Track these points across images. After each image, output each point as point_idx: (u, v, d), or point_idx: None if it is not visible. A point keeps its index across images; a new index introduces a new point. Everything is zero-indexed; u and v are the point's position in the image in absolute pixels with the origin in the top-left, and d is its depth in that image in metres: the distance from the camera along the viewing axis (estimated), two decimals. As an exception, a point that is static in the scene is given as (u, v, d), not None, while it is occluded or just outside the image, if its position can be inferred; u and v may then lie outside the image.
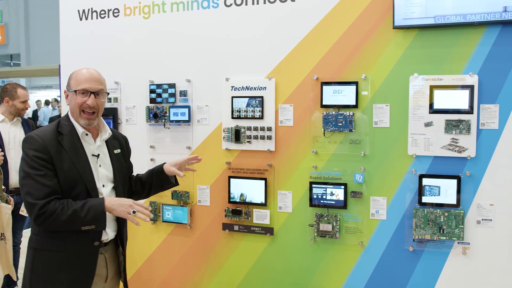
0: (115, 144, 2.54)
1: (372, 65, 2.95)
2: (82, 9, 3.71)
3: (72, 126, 2.34)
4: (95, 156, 2.39)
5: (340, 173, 3.07)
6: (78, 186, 2.26)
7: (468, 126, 2.78)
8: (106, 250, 2.43)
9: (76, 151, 2.29)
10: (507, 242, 2.76)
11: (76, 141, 2.31)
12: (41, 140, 2.21)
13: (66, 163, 2.24)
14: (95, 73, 2.37)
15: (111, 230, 2.43)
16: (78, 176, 2.26)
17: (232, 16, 3.27)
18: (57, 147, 2.24)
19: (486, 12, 2.69)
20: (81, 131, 2.35)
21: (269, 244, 3.27)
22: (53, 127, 2.31)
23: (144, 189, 2.79)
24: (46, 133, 2.26)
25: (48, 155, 2.20)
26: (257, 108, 3.21)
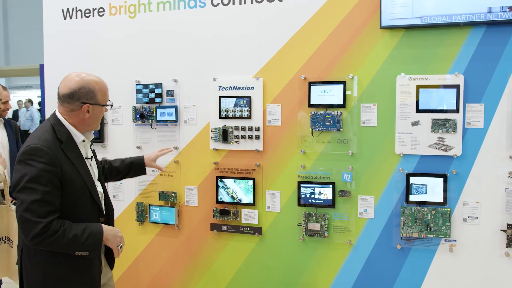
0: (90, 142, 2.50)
1: (360, 65, 2.97)
2: (66, 8, 3.67)
3: (68, 133, 2.24)
4: (89, 159, 2.36)
5: (328, 173, 3.08)
6: (84, 194, 2.24)
7: (454, 125, 2.81)
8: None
9: (78, 159, 2.24)
10: (492, 239, 2.81)
11: (75, 149, 2.25)
12: (51, 153, 2.10)
13: (73, 172, 2.18)
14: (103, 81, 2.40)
15: None
16: (83, 183, 2.23)
17: (219, 15, 3.26)
18: (62, 156, 2.16)
19: (471, 12, 2.73)
20: (81, 139, 2.28)
21: (258, 244, 3.26)
22: (52, 135, 2.19)
23: (118, 176, 2.88)
24: (50, 143, 2.14)
25: (59, 168, 2.11)
26: (245, 108, 3.20)
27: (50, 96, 3.76)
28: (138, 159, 2.90)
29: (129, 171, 2.88)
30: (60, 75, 3.62)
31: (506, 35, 2.73)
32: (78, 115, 2.25)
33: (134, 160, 2.89)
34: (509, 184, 2.77)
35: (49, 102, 3.78)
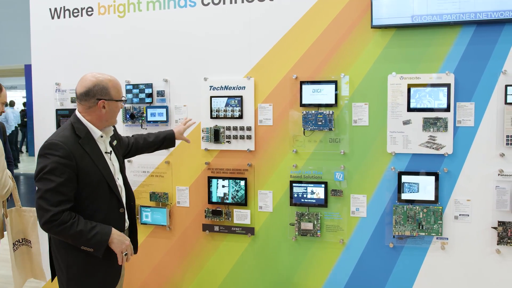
0: (113, 136, 2.61)
1: (351, 64, 2.98)
2: (54, 7, 3.61)
3: (86, 130, 2.37)
4: (108, 153, 2.48)
5: (320, 172, 3.08)
6: (102, 186, 2.35)
7: (445, 124, 2.83)
8: None
9: (96, 153, 2.37)
10: (483, 236, 2.83)
11: (93, 144, 2.38)
12: (67, 147, 2.24)
13: (90, 165, 2.32)
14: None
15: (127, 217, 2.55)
16: (101, 177, 2.35)
17: (209, 15, 3.24)
18: (80, 151, 2.30)
19: (461, 12, 2.74)
20: (99, 134, 2.40)
21: (250, 244, 3.26)
22: (71, 131, 2.33)
23: (150, 149, 3.04)
24: (68, 139, 2.29)
25: (74, 161, 2.24)
26: (236, 107, 3.19)
27: (38, 96, 3.72)
28: (169, 134, 3.04)
29: (161, 145, 3.05)
30: (48, 75, 3.64)
31: (495, 34, 2.76)
32: (95, 112, 2.37)
33: (166, 135, 3.04)
34: (500, 182, 2.79)
35: (37, 102, 3.73)
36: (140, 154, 3.02)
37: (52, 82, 3.65)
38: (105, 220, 2.34)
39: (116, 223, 2.40)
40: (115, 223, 2.39)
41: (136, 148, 2.96)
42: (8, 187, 2.99)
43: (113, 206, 2.42)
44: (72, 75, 3.57)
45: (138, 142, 2.96)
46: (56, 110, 3.65)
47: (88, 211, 2.30)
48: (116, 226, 2.38)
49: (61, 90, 3.64)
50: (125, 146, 2.89)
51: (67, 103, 3.62)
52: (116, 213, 2.43)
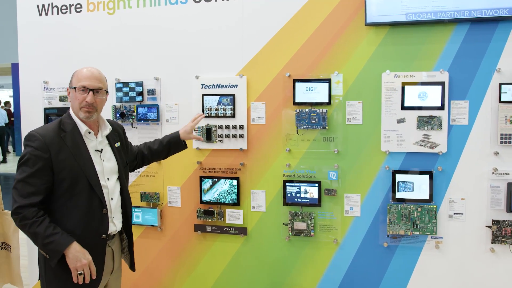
0: (115, 137, 2.58)
1: (345, 62, 2.95)
2: (42, 4, 3.54)
3: (74, 124, 2.35)
4: (98, 151, 2.41)
5: (313, 171, 3.05)
6: (80, 182, 2.29)
7: (440, 122, 2.82)
8: (113, 243, 2.47)
9: (78, 148, 2.32)
10: (477, 235, 2.83)
11: (78, 139, 2.34)
12: (43, 139, 2.24)
13: (69, 160, 2.27)
14: (96, 72, 2.41)
15: (118, 221, 2.47)
16: (80, 172, 2.28)
17: (201, 12, 3.19)
18: (59, 144, 2.27)
19: (456, 10, 2.73)
20: (85, 129, 2.36)
21: (243, 244, 3.21)
22: (56, 125, 2.33)
23: (160, 157, 2.94)
24: (48, 131, 2.29)
25: (48, 153, 2.23)
26: (228, 106, 3.15)
27: (26, 94, 3.64)
28: (174, 137, 2.91)
29: (169, 150, 2.92)
30: (35, 73, 3.56)
31: (489, 32, 2.75)
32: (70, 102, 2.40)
33: (170, 139, 2.90)
34: (494, 180, 2.78)
35: (24, 100, 3.65)
36: (149, 163, 2.95)
37: (40, 80, 3.57)
38: (84, 220, 2.29)
39: (97, 224, 2.34)
40: (97, 224, 2.33)
41: (142, 158, 2.87)
42: None
43: (94, 206, 2.33)
44: (60, 73, 3.50)
45: (142, 152, 2.86)
46: (44, 108, 3.58)
47: (64, 209, 2.27)
48: (98, 227, 2.34)
49: (49, 88, 3.57)
50: (133, 156, 2.80)
51: (56, 101, 3.55)
52: (98, 213, 2.34)
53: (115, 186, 2.47)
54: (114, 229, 2.44)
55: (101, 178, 2.37)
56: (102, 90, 2.42)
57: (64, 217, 2.27)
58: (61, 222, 2.25)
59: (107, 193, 2.40)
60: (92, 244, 2.32)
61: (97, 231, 2.34)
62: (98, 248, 2.35)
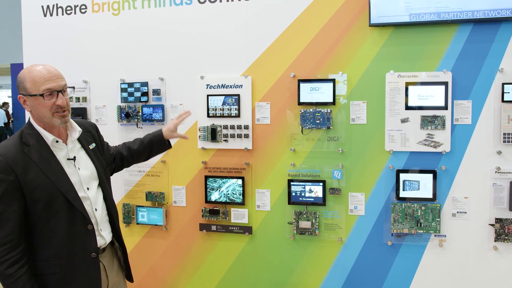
0: (88, 138, 2.31)
1: (349, 63, 2.98)
2: (47, 5, 3.55)
3: (38, 135, 2.08)
4: (71, 160, 2.15)
5: (318, 170, 3.08)
6: (57, 200, 2.04)
7: (443, 122, 2.85)
8: (104, 257, 2.25)
9: (47, 162, 2.05)
10: (481, 233, 2.86)
11: (44, 151, 2.06)
12: (3, 159, 1.96)
13: (38, 177, 2.01)
14: (52, 69, 2.09)
15: (107, 232, 2.27)
16: (54, 188, 2.03)
17: (206, 13, 3.22)
18: (25, 161, 1.99)
19: (459, 10, 2.76)
20: (51, 139, 2.09)
21: (248, 243, 3.24)
22: (16, 140, 2.06)
23: (141, 157, 2.68)
24: (8, 148, 2.01)
25: (13, 175, 1.96)
26: (233, 106, 3.17)
27: (30, 96, 3.65)
28: (156, 136, 2.65)
29: (151, 150, 2.66)
30: (40, 74, 3.57)
31: (492, 32, 2.78)
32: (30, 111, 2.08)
33: (152, 137, 2.65)
34: (497, 179, 2.82)
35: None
36: (129, 166, 2.68)
37: (45, 81, 3.59)
38: (69, 241, 2.07)
39: (84, 244, 2.11)
40: (83, 244, 2.11)
41: (121, 160, 2.59)
42: None
43: (77, 223, 2.09)
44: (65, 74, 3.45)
45: (121, 153, 2.59)
46: (49, 109, 3.59)
47: (44, 233, 2.03)
48: (86, 246, 2.12)
49: (54, 89, 3.58)
50: (111, 157, 2.54)
51: (60, 102, 3.57)
52: (83, 231, 2.11)
53: (97, 194, 2.22)
54: (104, 243, 2.22)
55: (79, 190, 2.12)
56: (67, 86, 2.13)
57: (45, 242, 2.04)
58: (43, 248, 2.04)
59: (90, 204, 2.15)
60: (82, 265, 2.12)
61: (85, 251, 2.12)
62: (90, 268, 2.14)
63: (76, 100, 3.51)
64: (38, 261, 2.06)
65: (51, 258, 2.06)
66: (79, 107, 3.49)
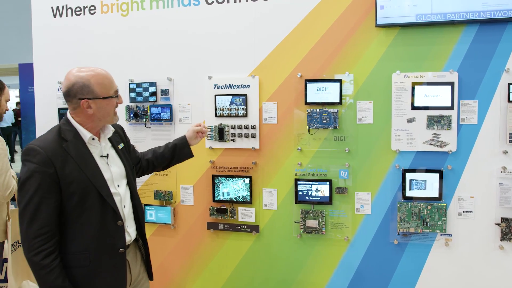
0: (117, 138, 2.42)
1: (355, 63, 3.00)
2: (56, 6, 3.60)
3: (75, 131, 2.16)
4: (104, 157, 2.24)
5: (325, 170, 3.10)
6: (91, 195, 2.12)
7: (449, 122, 2.86)
8: (128, 253, 2.30)
9: (84, 158, 2.14)
10: (487, 233, 2.87)
11: (82, 147, 2.15)
12: (44, 152, 2.04)
13: (75, 172, 2.09)
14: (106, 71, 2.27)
15: (132, 229, 2.34)
16: (89, 183, 2.11)
17: (213, 13, 3.25)
18: (63, 155, 2.08)
19: (465, 11, 2.77)
20: (89, 136, 2.18)
21: (255, 241, 3.27)
22: (55, 135, 2.14)
23: (164, 162, 2.76)
24: (49, 143, 2.09)
25: (52, 168, 2.03)
26: (240, 106, 3.20)
27: (40, 95, 3.71)
28: (180, 140, 2.78)
29: (174, 153, 2.75)
30: (49, 74, 3.63)
31: (498, 32, 2.79)
32: (83, 112, 2.16)
33: (176, 141, 2.78)
34: (503, 178, 2.83)
35: (39, 101, 3.72)
36: (154, 170, 2.76)
37: (55, 81, 3.64)
38: (99, 235, 2.14)
39: (113, 239, 2.19)
40: (113, 239, 2.18)
41: (147, 162, 2.70)
42: (11, 189, 2.94)
43: (109, 219, 2.17)
44: (74, 74, 3.56)
45: (146, 155, 2.72)
46: (58, 109, 3.64)
47: (76, 226, 2.10)
48: (115, 242, 2.19)
49: (64, 89, 3.63)
50: (136, 159, 2.65)
51: (70, 102, 3.61)
52: (113, 227, 2.18)
53: (125, 192, 2.32)
54: (129, 239, 2.30)
55: (111, 186, 2.20)
56: None
57: (76, 235, 2.11)
58: (74, 241, 2.11)
59: (119, 201, 2.24)
60: (110, 260, 2.19)
61: (114, 246, 2.20)
62: (117, 263, 2.21)
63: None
64: (69, 254, 2.12)
65: (81, 251, 2.12)
66: (88, 107, 3.53)
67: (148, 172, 2.76)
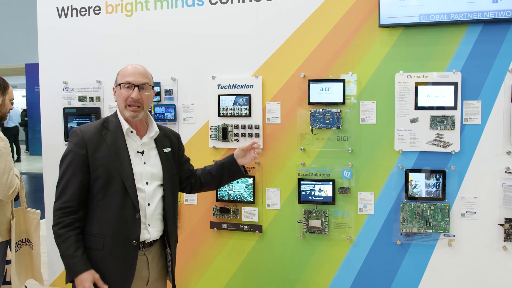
0: (165, 142, 2.45)
1: (359, 63, 3.00)
2: (61, 6, 3.63)
3: (118, 123, 2.29)
4: (140, 153, 2.31)
5: (328, 170, 3.11)
6: (115, 182, 2.20)
7: (452, 122, 2.86)
8: (149, 252, 2.33)
9: (117, 147, 2.24)
10: (490, 233, 2.87)
11: (119, 137, 2.26)
12: (82, 135, 2.21)
13: (106, 158, 2.21)
14: (140, 68, 2.32)
15: (155, 229, 2.33)
16: (116, 171, 2.20)
17: (217, 14, 3.26)
18: (99, 141, 2.23)
19: (469, 11, 2.77)
20: (126, 127, 2.28)
21: (258, 241, 3.28)
22: (100, 123, 2.30)
23: (214, 181, 2.67)
24: (90, 128, 2.26)
25: (84, 150, 2.19)
26: (244, 106, 3.21)
27: (46, 94, 3.74)
28: (228, 158, 2.68)
29: (223, 172, 2.65)
30: (55, 74, 3.65)
31: (502, 33, 2.79)
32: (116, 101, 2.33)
33: (225, 160, 2.67)
34: (506, 179, 2.82)
35: (44, 100, 3.75)
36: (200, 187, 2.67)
37: (60, 81, 3.67)
38: (116, 222, 2.20)
39: (128, 228, 2.22)
40: (128, 228, 2.22)
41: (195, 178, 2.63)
42: (14, 188, 2.95)
43: (127, 209, 2.22)
44: (79, 74, 3.60)
45: (197, 171, 2.66)
46: (63, 108, 3.67)
47: (98, 210, 2.20)
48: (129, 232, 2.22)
49: (69, 88, 3.66)
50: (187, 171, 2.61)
51: (75, 101, 3.64)
52: (130, 217, 2.22)
53: (155, 192, 2.34)
54: (148, 237, 2.30)
55: (138, 181, 2.25)
56: (148, 85, 2.31)
57: (97, 218, 2.21)
58: (92, 223, 2.21)
59: (143, 197, 2.27)
60: (123, 249, 2.23)
61: (128, 236, 2.23)
62: (129, 254, 2.24)
63: (90, 100, 3.58)
64: (87, 235, 2.23)
65: (97, 235, 2.21)
66: (93, 107, 3.56)
67: (197, 189, 2.68)
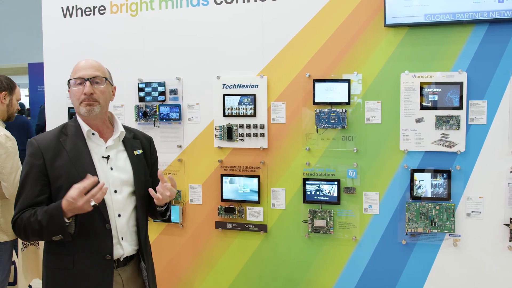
0: (136, 144, 2.29)
1: (364, 63, 3.00)
2: (66, 6, 3.63)
3: (77, 126, 2.13)
4: (105, 158, 2.14)
5: (333, 169, 3.11)
6: None
7: (458, 122, 2.86)
8: (124, 272, 2.20)
9: (78, 153, 2.07)
10: (496, 233, 2.86)
11: (79, 142, 2.10)
12: (37, 144, 2.06)
13: (66, 166, 2.04)
14: (93, 62, 2.20)
15: (129, 244, 2.19)
16: (77, 179, 1.96)
17: (222, 13, 3.26)
18: (57, 148, 2.06)
19: (474, 11, 2.77)
20: (86, 130, 2.11)
21: (263, 241, 3.28)
22: (58, 129, 2.16)
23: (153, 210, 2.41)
24: (46, 136, 2.12)
25: (41, 160, 2.03)
26: (249, 106, 3.21)
27: (51, 95, 3.75)
28: None
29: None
30: (60, 74, 3.66)
31: (508, 32, 2.78)
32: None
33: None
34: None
35: (49, 101, 3.75)
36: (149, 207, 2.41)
37: (64, 81, 3.65)
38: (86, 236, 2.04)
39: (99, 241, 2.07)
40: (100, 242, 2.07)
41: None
42: None
43: (96, 220, 2.06)
44: (84, 74, 3.60)
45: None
46: (68, 108, 3.67)
47: None
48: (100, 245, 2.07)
49: (74, 88, 3.66)
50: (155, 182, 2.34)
51: (80, 101, 3.64)
52: (100, 229, 2.07)
53: (126, 201, 2.16)
54: (122, 253, 2.14)
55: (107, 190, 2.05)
56: (101, 78, 2.15)
57: None
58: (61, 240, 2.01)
59: (112, 208, 2.11)
60: (97, 266, 2.07)
61: (100, 250, 2.07)
62: (104, 271, 2.08)
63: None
64: (56, 254, 2.12)
65: (66, 252, 2.08)
66: (98, 107, 3.56)
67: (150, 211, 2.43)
